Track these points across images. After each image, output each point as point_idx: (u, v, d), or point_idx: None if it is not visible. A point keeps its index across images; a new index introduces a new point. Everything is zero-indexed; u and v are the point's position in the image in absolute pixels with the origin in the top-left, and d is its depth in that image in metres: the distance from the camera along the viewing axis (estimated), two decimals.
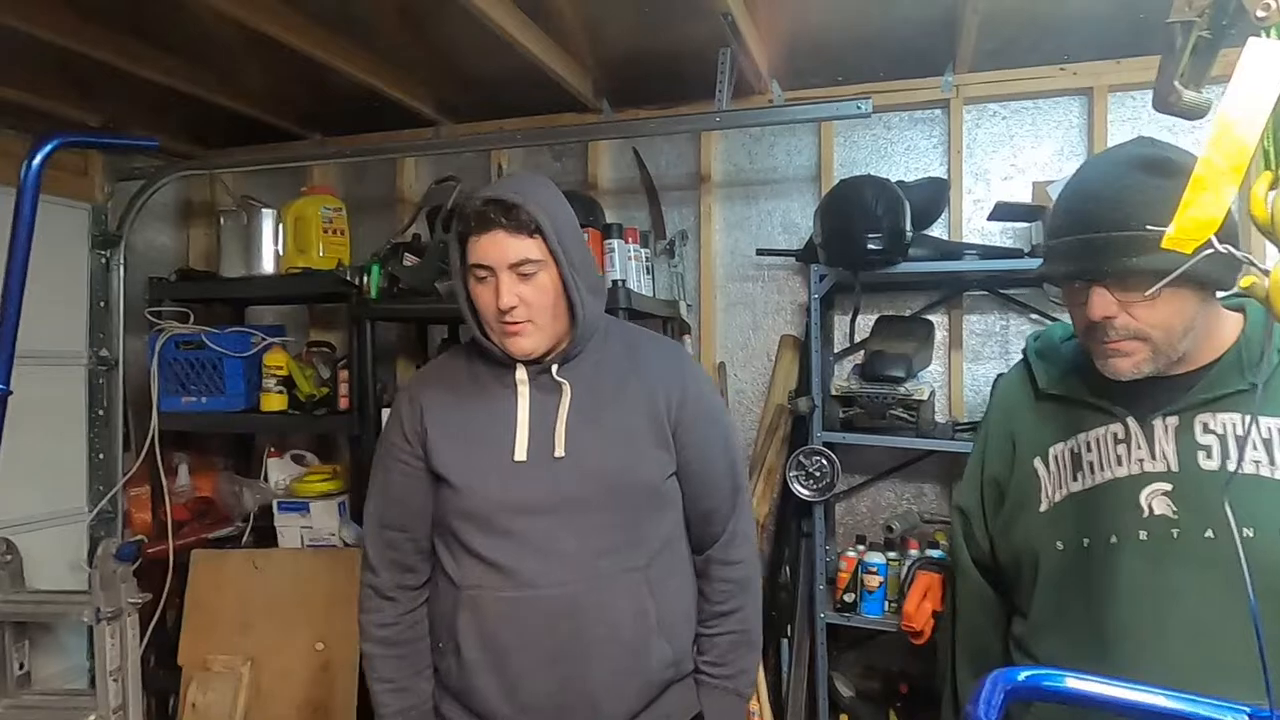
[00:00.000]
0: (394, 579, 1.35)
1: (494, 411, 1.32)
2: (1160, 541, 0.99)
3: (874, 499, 2.54)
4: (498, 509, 1.27)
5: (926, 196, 2.32)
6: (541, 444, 1.28)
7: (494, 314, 1.27)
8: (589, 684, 1.26)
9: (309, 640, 2.36)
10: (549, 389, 1.32)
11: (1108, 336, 1.00)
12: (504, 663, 1.25)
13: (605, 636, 1.26)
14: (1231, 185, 0.49)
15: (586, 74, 2.52)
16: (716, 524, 1.40)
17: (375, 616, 1.36)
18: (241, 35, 2.05)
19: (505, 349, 1.30)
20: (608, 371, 1.35)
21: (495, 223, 1.25)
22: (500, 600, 1.25)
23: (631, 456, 1.31)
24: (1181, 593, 0.97)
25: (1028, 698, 0.61)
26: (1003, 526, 1.15)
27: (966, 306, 2.45)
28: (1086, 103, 2.35)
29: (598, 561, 1.27)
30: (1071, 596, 1.05)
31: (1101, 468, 1.05)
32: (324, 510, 2.47)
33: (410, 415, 1.35)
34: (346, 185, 2.98)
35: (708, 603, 1.40)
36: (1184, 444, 1.01)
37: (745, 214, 2.66)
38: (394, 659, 1.35)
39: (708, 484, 1.38)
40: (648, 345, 1.44)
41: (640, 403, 1.34)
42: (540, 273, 1.27)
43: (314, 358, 2.66)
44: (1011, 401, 1.19)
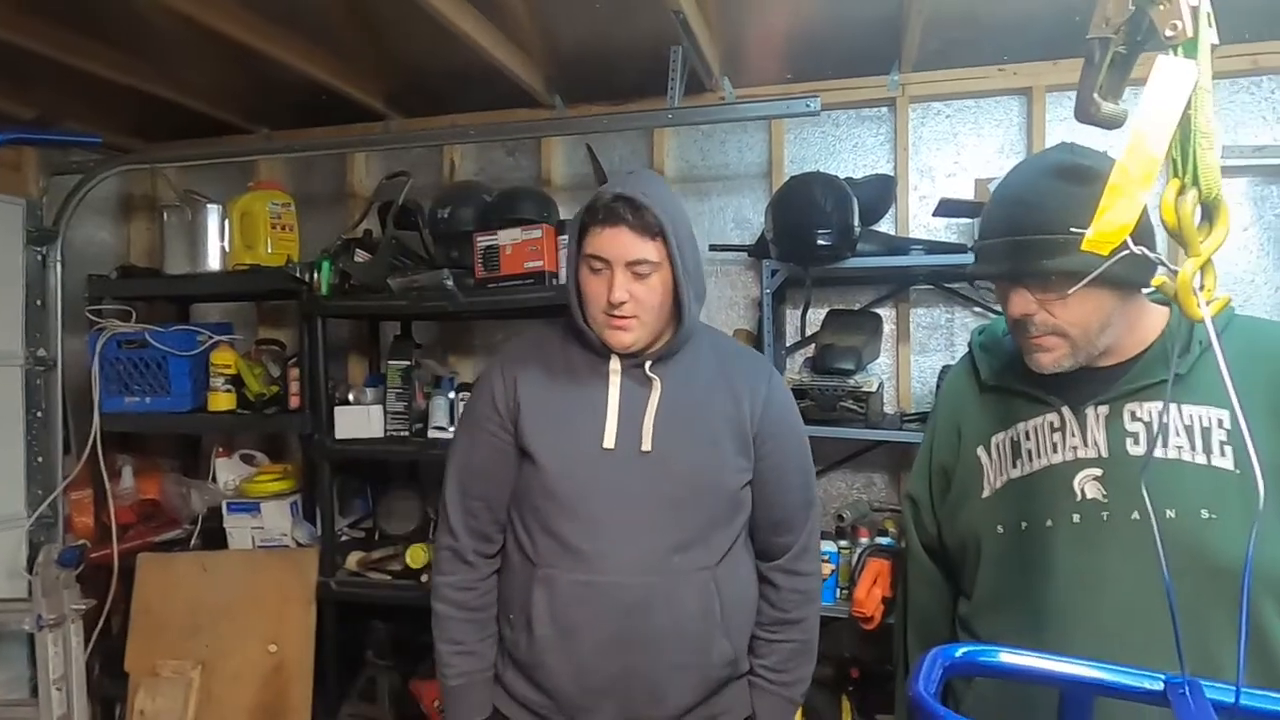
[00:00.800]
0: (474, 545, 1.38)
1: (585, 397, 1.34)
2: (1091, 523, 1.05)
3: (825, 489, 2.59)
4: (581, 494, 1.30)
5: (874, 193, 2.38)
6: (629, 436, 1.31)
7: (602, 305, 1.29)
8: (652, 673, 1.29)
9: (261, 642, 2.33)
10: (641, 383, 1.34)
11: (1029, 332, 1.06)
12: (573, 643, 1.28)
13: (671, 629, 1.28)
14: (1143, 192, 0.52)
15: (539, 69, 2.51)
16: (787, 535, 1.42)
17: (452, 579, 1.38)
18: (184, 28, 2.00)
19: (605, 340, 1.32)
20: (698, 375, 1.38)
21: (622, 219, 1.27)
22: (574, 583, 1.28)
23: (714, 460, 1.34)
24: (1111, 571, 1.02)
25: (965, 673, 0.65)
26: (949, 512, 1.20)
27: (913, 300, 2.51)
28: (1026, 102, 2.42)
29: (672, 556, 1.29)
30: (1011, 577, 1.10)
31: (1038, 455, 1.10)
32: (275, 510, 2.43)
33: (503, 388, 1.37)
34: (295, 180, 2.93)
35: (773, 609, 1.42)
36: (1113, 431, 1.06)
37: (698, 210, 2.69)
38: (465, 622, 1.38)
39: (781, 494, 1.41)
40: (736, 353, 1.49)
41: (726, 409, 1.36)
42: (654, 274, 1.30)
43: (263, 356, 2.62)
44: (957, 393, 1.24)
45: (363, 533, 2.73)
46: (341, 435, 2.36)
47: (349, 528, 2.68)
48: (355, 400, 2.44)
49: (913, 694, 0.55)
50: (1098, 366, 1.08)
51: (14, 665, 2.42)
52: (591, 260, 1.30)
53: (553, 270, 2.25)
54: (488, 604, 1.40)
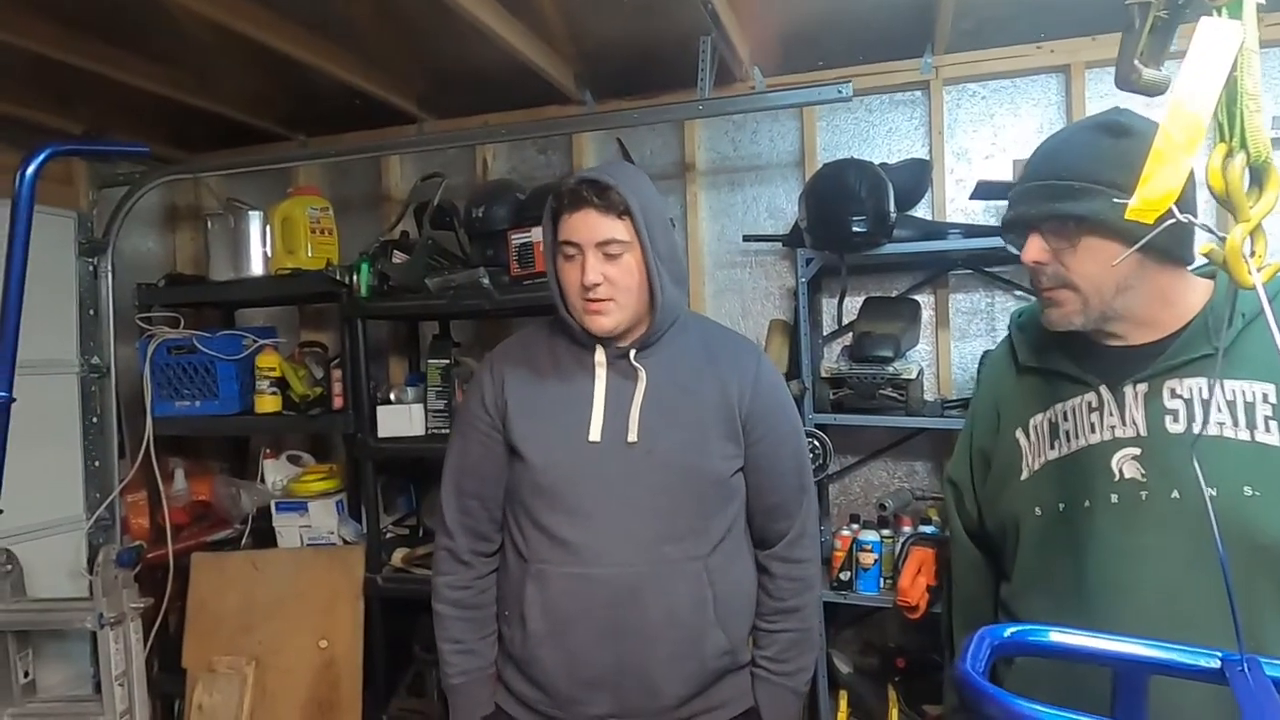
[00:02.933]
0: (469, 544, 1.40)
1: (571, 391, 1.35)
2: (1130, 503, 1.03)
3: (867, 478, 2.57)
4: (569, 487, 1.31)
5: (909, 178, 2.35)
6: (616, 427, 1.31)
7: (578, 290, 1.31)
8: (646, 664, 1.29)
9: (312, 638, 2.38)
10: (626, 374, 1.35)
11: (1040, 283, 1.05)
12: (565, 636, 1.29)
13: (664, 620, 1.29)
14: (1188, 157, 0.51)
15: (568, 66, 2.52)
16: (782, 520, 1.43)
17: (450, 579, 1.41)
18: (220, 37, 2.05)
19: (586, 326, 1.33)
20: (684, 362, 1.39)
21: (587, 201, 1.29)
22: (566, 576, 1.29)
23: (702, 448, 1.34)
24: (1151, 551, 1.01)
25: (1014, 652, 0.64)
26: (989, 495, 1.19)
27: (952, 285, 2.48)
28: (1064, 80, 2.37)
29: (662, 546, 1.30)
30: (1050, 559, 1.09)
31: (1077, 435, 1.08)
32: (322, 509, 2.48)
33: (491, 387, 1.39)
34: (331, 185, 2.97)
35: (770, 598, 1.42)
36: (1152, 409, 1.04)
37: (730, 201, 2.68)
38: (464, 621, 1.40)
39: (774, 479, 1.41)
40: (724, 339, 1.48)
41: (713, 395, 1.37)
42: (626, 254, 1.31)
43: (306, 358, 2.67)
44: (996, 376, 1.23)
45: (407, 529, 2.77)
46: (384, 434, 2.40)
47: (393, 525, 2.73)
48: (396, 400, 2.48)
49: (960, 672, 0.54)
50: (1136, 344, 1.06)
51: (77, 663, 2.50)
52: (565, 247, 1.32)
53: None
54: (485, 602, 1.42)
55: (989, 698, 0.52)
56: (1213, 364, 1.01)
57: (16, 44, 1.93)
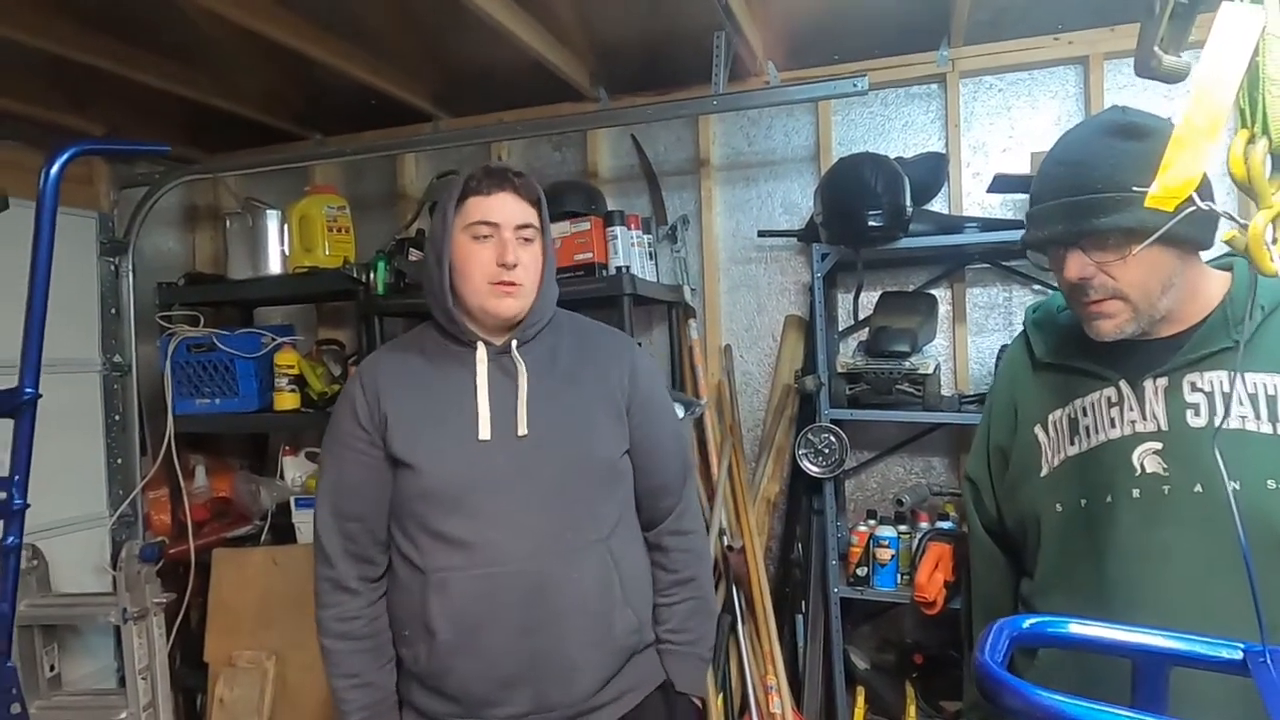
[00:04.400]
0: (354, 570, 1.33)
1: (453, 392, 1.33)
2: (1152, 498, 1.02)
3: (883, 474, 2.56)
4: (465, 488, 1.28)
5: (926, 171, 2.33)
6: (504, 423, 1.30)
7: (490, 273, 1.29)
8: (561, 654, 1.28)
9: None
10: (507, 369, 1.34)
11: (1088, 297, 1.03)
12: (478, 641, 1.26)
13: (575, 608, 1.29)
14: (1210, 144, 0.51)
15: (582, 63, 2.53)
16: (668, 498, 1.46)
17: (335, 610, 1.32)
18: (237, 37, 2.07)
19: (492, 311, 1.31)
20: (563, 355, 1.40)
21: (508, 182, 1.31)
22: (470, 579, 1.26)
23: (591, 434, 1.35)
24: (1174, 546, 1.00)
25: (1033, 643, 0.64)
26: (1008, 492, 1.18)
27: (969, 280, 2.46)
28: (1082, 71, 2.35)
29: (564, 534, 1.30)
30: (1072, 555, 1.08)
31: (1097, 431, 1.07)
32: None
33: (365, 401, 1.34)
34: (348, 183, 3.00)
35: (666, 573, 1.45)
36: (1173, 403, 1.03)
37: (745, 196, 2.67)
38: (359, 653, 1.32)
39: (658, 460, 1.44)
40: (598, 332, 1.50)
41: (595, 383, 1.39)
42: (536, 242, 1.35)
43: (324, 355, 2.69)
44: (1013, 372, 1.22)
45: None
46: None
47: None
48: None
49: (979, 663, 0.54)
50: (1155, 337, 1.05)
51: (101, 657, 2.54)
52: (478, 227, 1.30)
53: (602, 261, 2.26)
54: (378, 630, 1.34)
55: (1009, 688, 0.52)
56: (1232, 357, 1.00)
57: (36, 44, 1.96)
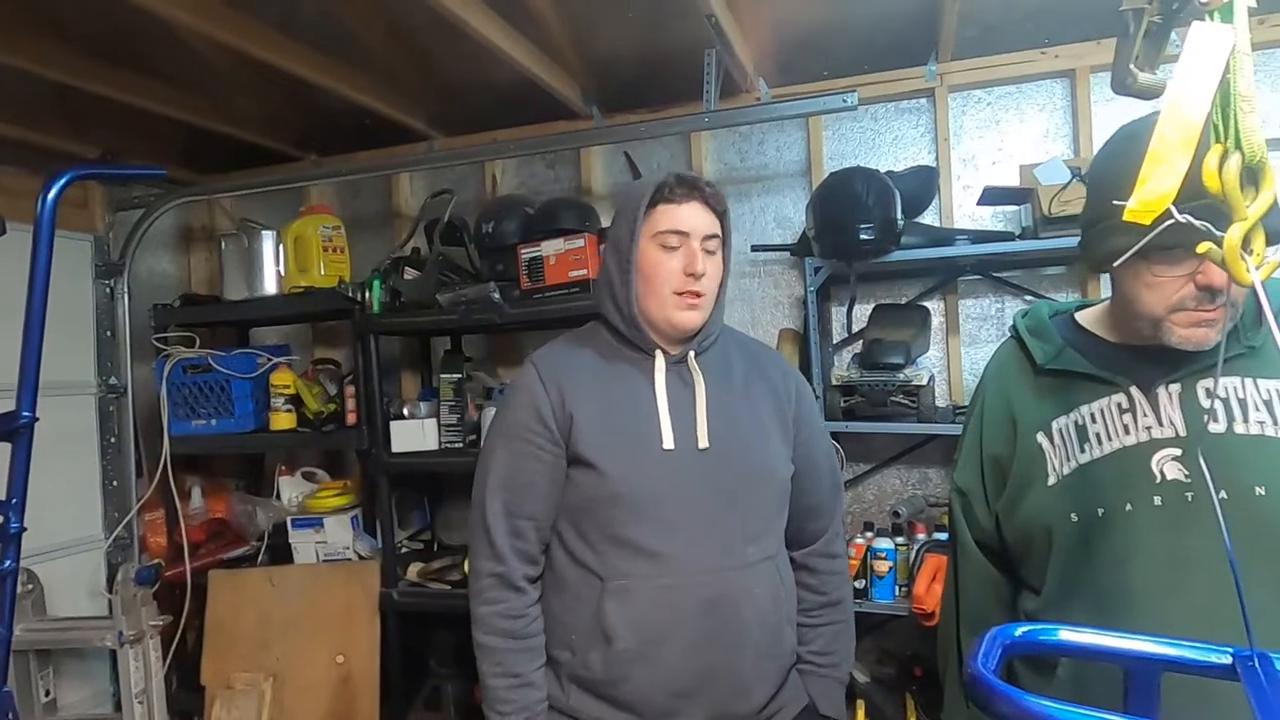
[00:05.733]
0: (522, 568, 1.32)
1: (634, 399, 1.32)
2: (1176, 506, 1.01)
3: (880, 486, 2.56)
4: (653, 497, 1.27)
5: (916, 185, 2.35)
6: (685, 434, 1.29)
7: (678, 282, 1.28)
8: (738, 666, 1.28)
9: (329, 654, 2.39)
10: (684, 379, 1.33)
11: (1211, 304, 0.97)
12: (659, 651, 1.25)
13: (753, 622, 1.28)
14: (1184, 158, 0.52)
15: (575, 81, 2.55)
16: (821, 520, 1.44)
17: (501, 607, 1.30)
18: (233, 61, 2.09)
19: (676, 323, 1.30)
20: (735, 369, 1.39)
21: (699, 191, 1.31)
22: (655, 588, 1.25)
23: (768, 451, 1.35)
24: (1200, 554, 0.98)
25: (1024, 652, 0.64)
26: (1008, 504, 1.15)
27: (961, 291, 2.48)
28: (1069, 84, 2.37)
29: (745, 549, 1.29)
30: (1089, 566, 1.06)
31: (1109, 437, 1.06)
32: (337, 525, 2.50)
33: (547, 398, 1.31)
34: (343, 203, 3.02)
35: (815, 594, 1.43)
36: (1190, 409, 1.02)
37: (738, 211, 2.69)
38: (521, 653, 1.31)
39: (815, 480, 1.43)
40: (758, 346, 1.51)
41: (767, 400, 1.38)
42: (718, 253, 1.34)
43: (319, 375, 2.70)
44: (1006, 380, 1.19)
45: (421, 544, 2.79)
46: (398, 449, 2.41)
47: (408, 539, 2.75)
48: (410, 415, 2.49)
49: (972, 671, 0.54)
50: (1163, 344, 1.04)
51: (98, 680, 2.53)
52: (667, 236, 1.29)
53: (596, 278, 2.27)
54: (537, 630, 1.33)
55: (1000, 695, 0.52)
56: (1245, 362, 1.01)
57: (32, 70, 1.98)
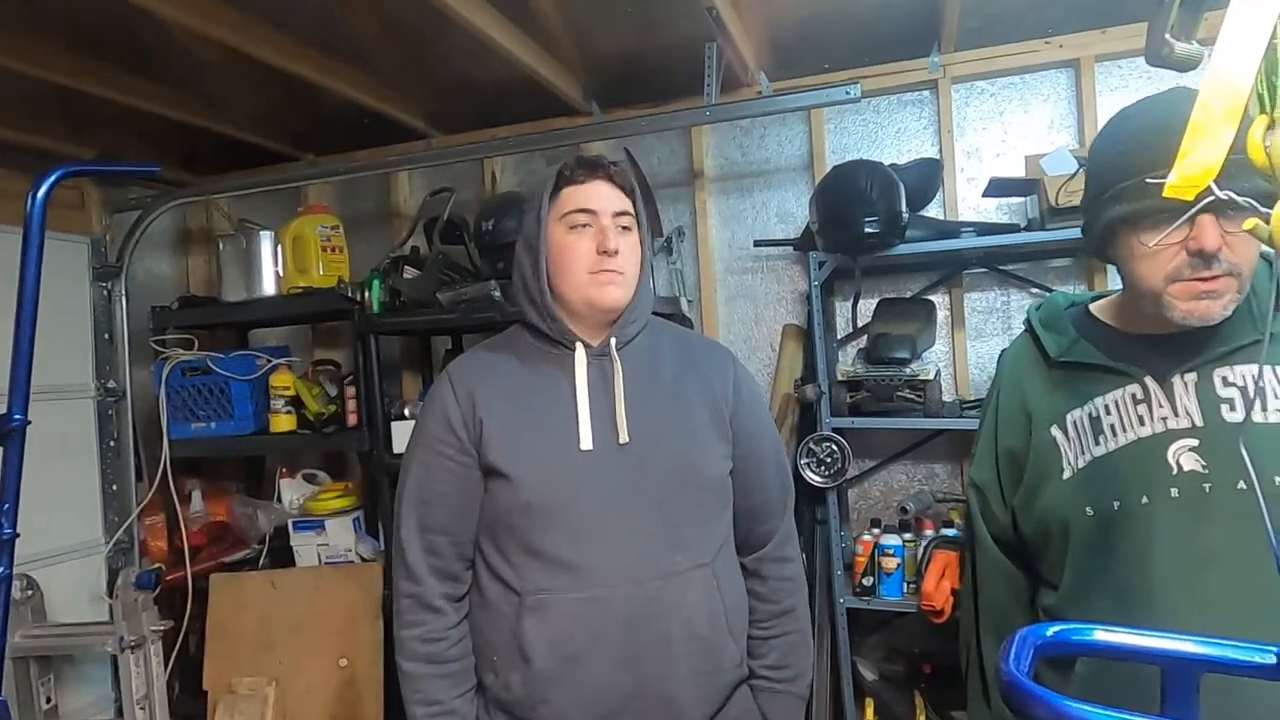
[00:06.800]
0: (440, 588, 1.24)
1: (551, 397, 1.25)
2: (1193, 497, 0.99)
3: (886, 482, 2.54)
4: (568, 504, 1.20)
5: (920, 177, 2.33)
6: (605, 430, 1.22)
7: (591, 261, 1.23)
8: (668, 685, 1.19)
9: (332, 657, 2.37)
10: (605, 371, 1.26)
11: (1211, 270, 0.96)
12: (580, 668, 1.17)
13: (684, 635, 1.20)
14: (1229, 130, 0.50)
15: (575, 77, 2.53)
16: (769, 521, 1.37)
17: (419, 631, 1.23)
18: (229, 60, 2.06)
19: (596, 301, 1.24)
20: (664, 363, 1.32)
21: (602, 170, 1.27)
22: (573, 602, 1.17)
23: (698, 448, 1.27)
24: (1219, 545, 0.96)
25: (1057, 652, 0.62)
26: (1024, 499, 1.13)
27: (967, 285, 2.45)
28: (1074, 74, 2.35)
29: (673, 556, 1.21)
30: (1107, 560, 1.04)
31: (1124, 429, 1.04)
32: (339, 527, 2.48)
33: (458, 406, 1.25)
34: (341, 203, 2.99)
35: (765, 603, 1.35)
36: (1205, 399, 1.00)
37: (740, 207, 2.67)
38: (441, 678, 1.23)
39: (761, 479, 1.35)
40: (696, 340, 1.44)
41: (699, 394, 1.31)
42: (633, 231, 1.29)
43: (320, 376, 2.67)
44: (1020, 373, 1.18)
45: None
46: (399, 450, 2.38)
47: None
48: (411, 415, 2.46)
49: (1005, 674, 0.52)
50: (1177, 332, 1.02)
51: (99, 686, 2.50)
52: (574, 216, 1.24)
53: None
54: (463, 653, 1.25)
55: (1036, 699, 0.49)
56: (1261, 350, 0.98)
57: (27, 71, 1.95)
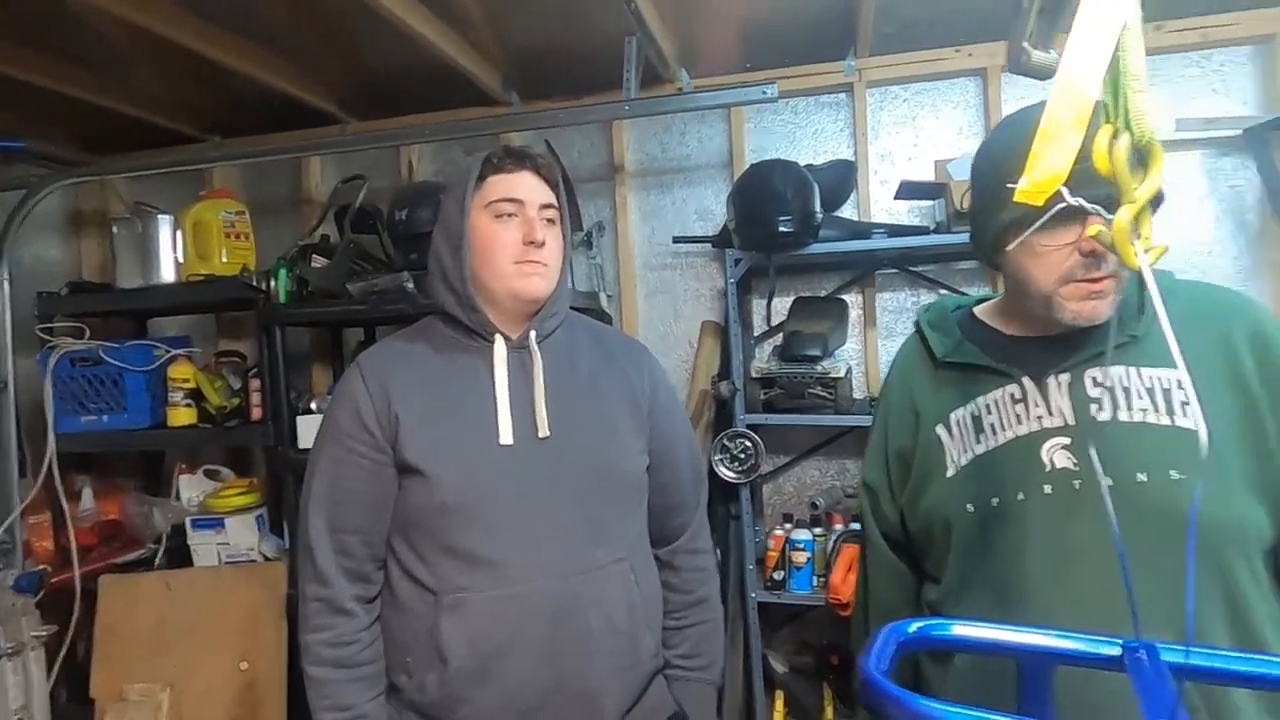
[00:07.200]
0: (351, 589, 1.20)
1: (469, 390, 1.22)
2: (1064, 494, 1.02)
3: (799, 477, 2.58)
4: (487, 500, 1.18)
5: (835, 178, 2.37)
6: (524, 425, 1.21)
7: (516, 252, 1.22)
8: (589, 680, 1.19)
9: (232, 660, 2.27)
10: (526, 364, 1.25)
11: (1099, 271, 0.99)
12: (500, 667, 1.16)
13: (603, 629, 1.20)
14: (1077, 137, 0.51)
15: (495, 67, 2.49)
16: (683, 514, 1.38)
17: (328, 635, 1.19)
18: (133, 38, 1.96)
19: (520, 292, 1.23)
20: (581, 357, 1.31)
21: (529, 161, 1.26)
22: (492, 600, 1.16)
23: (616, 443, 1.27)
24: (1087, 541, 0.99)
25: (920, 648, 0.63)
26: (911, 497, 1.16)
27: (879, 285, 2.51)
28: (982, 83, 2.43)
29: (593, 551, 1.21)
30: (985, 556, 1.07)
31: (1003, 428, 1.07)
32: (241, 525, 2.38)
33: (370, 400, 1.21)
34: (249, 188, 2.88)
35: (678, 594, 1.36)
36: (1077, 398, 1.04)
37: (660, 203, 2.67)
38: (352, 682, 1.19)
39: (677, 473, 1.37)
40: (614, 336, 1.44)
41: (617, 390, 1.31)
42: (557, 225, 1.28)
43: (223, 368, 2.56)
44: (909, 373, 1.20)
45: None
46: (305, 445, 2.30)
47: None
48: (319, 409, 2.38)
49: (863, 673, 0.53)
50: (1055, 335, 1.06)
51: None
52: (501, 205, 1.23)
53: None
54: (373, 657, 1.22)
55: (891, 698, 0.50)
56: (1129, 351, 1.02)
57: None
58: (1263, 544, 0.98)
